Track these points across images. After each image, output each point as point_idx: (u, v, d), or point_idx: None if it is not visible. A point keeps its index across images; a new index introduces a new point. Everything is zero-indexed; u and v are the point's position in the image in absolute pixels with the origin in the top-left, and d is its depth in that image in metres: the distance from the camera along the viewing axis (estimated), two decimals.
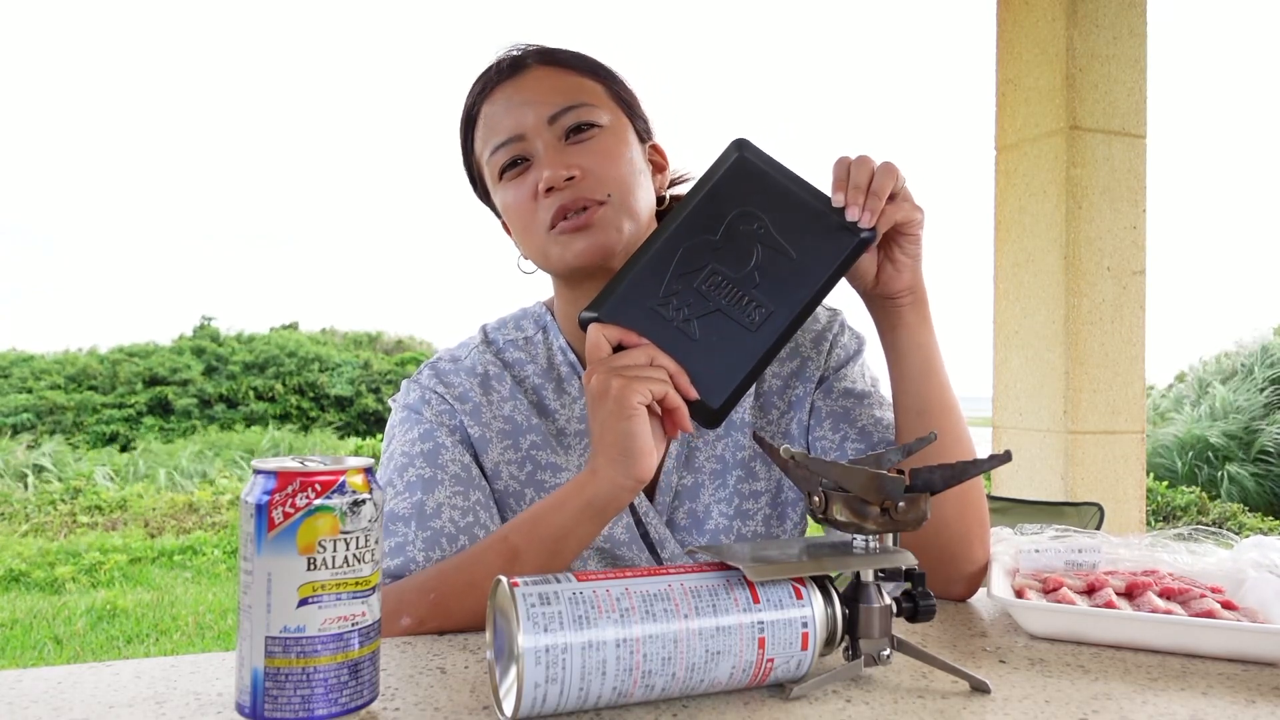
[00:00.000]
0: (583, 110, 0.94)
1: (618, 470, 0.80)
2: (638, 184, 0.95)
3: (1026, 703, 0.63)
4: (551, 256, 0.94)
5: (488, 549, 0.84)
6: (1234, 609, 0.79)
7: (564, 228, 0.92)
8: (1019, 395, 3.14)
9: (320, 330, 18.53)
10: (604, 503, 0.82)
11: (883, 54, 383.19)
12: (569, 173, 0.91)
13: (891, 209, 0.84)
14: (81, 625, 4.75)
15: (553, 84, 0.95)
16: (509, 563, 0.82)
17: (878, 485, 0.63)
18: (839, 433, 0.98)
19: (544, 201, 0.92)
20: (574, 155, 0.92)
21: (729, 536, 0.99)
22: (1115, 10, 3.05)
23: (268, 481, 0.56)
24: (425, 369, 1.02)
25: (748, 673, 0.62)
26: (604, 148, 0.94)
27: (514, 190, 0.95)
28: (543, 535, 0.82)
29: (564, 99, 0.94)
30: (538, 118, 0.93)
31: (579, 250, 0.92)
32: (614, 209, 0.92)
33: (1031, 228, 3.10)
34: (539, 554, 0.82)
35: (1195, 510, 7.09)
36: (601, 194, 0.92)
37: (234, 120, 70.64)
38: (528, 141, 0.94)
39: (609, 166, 0.93)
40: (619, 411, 0.78)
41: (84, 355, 16.08)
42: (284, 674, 0.56)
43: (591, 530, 0.83)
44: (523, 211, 0.94)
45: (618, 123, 0.97)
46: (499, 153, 0.95)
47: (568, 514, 0.82)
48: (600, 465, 0.81)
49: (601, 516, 0.82)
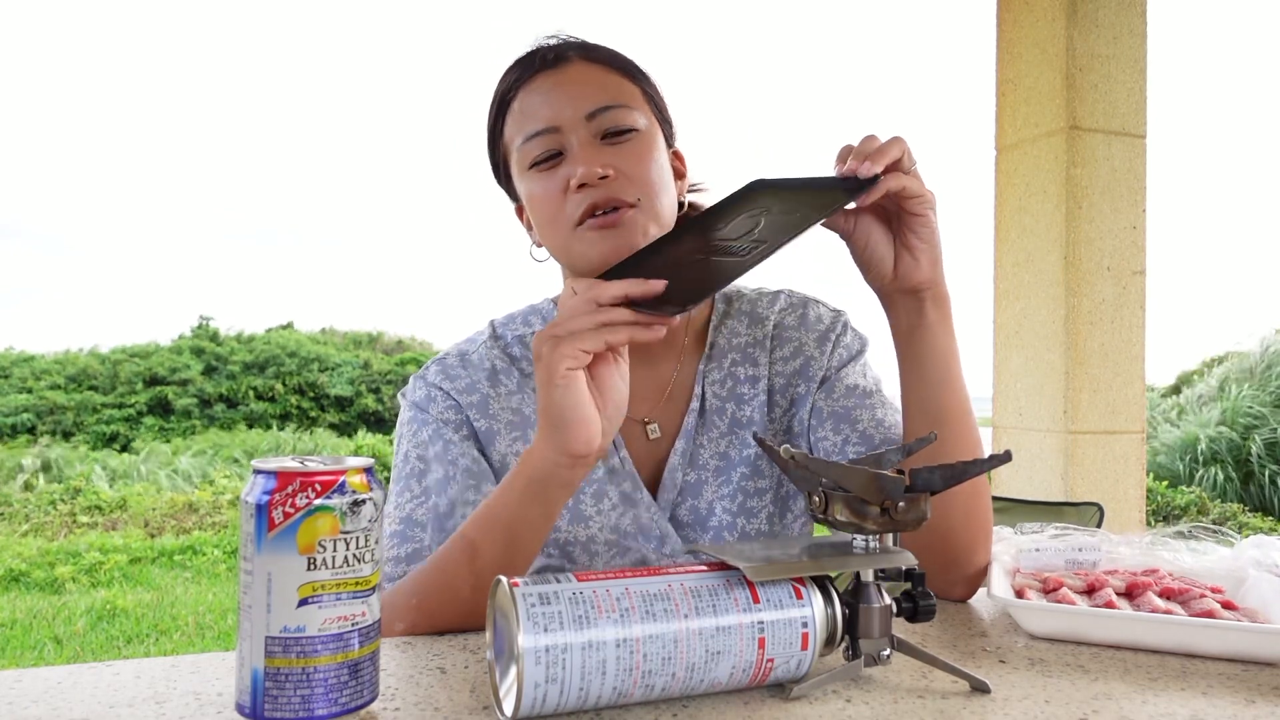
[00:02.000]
0: (621, 112, 0.93)
1: (550, 444, 0.77)
2: (666, 190, 0.95)
3: (1026, 703, 0.63)
4: (574, 253, 0.93)
5: (451, 546, 0.83)
6: (1234, 609, 0.79)
7: (592, 224, 0.91)
8: (1019, 395, 3.14)
9: (320, 330, 18.54)
10: (543, 480, 0.78)
11: (883, 54, 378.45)
12: (603, 171, 0.90)
13: (894, 177, 0.82)
14: (81, 625, 4.76)
15: (593, 80, 0.95)
16: (470, 557, 0.80)
17: (878, 485, 0.63)
18: (840, 434, 0.98)
19: (574, 197, 0.91)
20: (608, 155, 0.92)
21: (732, 534, 0.99)
22: (1115, 10, 3.05)
23: (268, 481, 0.56)
24: (432, 365, 1.03)
25: (748, 673, 0.62)
26: (638, 151, 0.93)
27: (543, 182, 0.94)
28: (495, 524, 0.81)
29: (604, 97, 0.93)
30: (575, 112, 0.93)
31: (604, 250, 0.91)
32: (643, 213, 0.92)
33: (1031, 228, 3.10)
34: (495, 545, 0.80)
35: (1195, 510, 7.09)
36: (632, 196, 0.91)
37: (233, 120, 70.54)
38: (563, 135, 0.93)
39: (641, 170, 0.93)
40: (548, 380, 0.75)
41: (84, 355, 16.08)
42: (284, 674, 0.56)
43: (539, 512, 0.80)
44: (550, 204, 0.94)
45: (651, 126, 0.96)
46: (532, 142, 0.94)
47: (513, 497, 0.80)
48: (537, 440, 0.78)
49: (544, 496, 0.79)
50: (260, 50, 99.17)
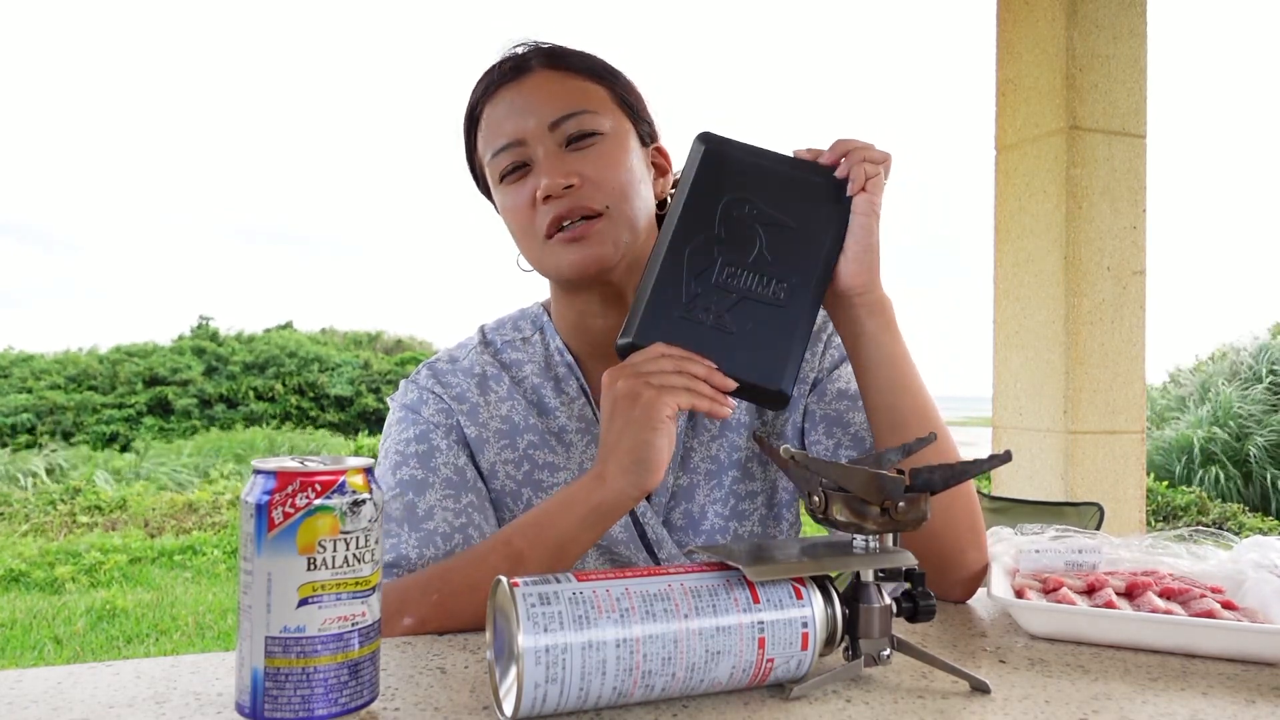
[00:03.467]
0: (584, 118, 0.93)
1: (628, 479, 0.80)
2: (636, 193, 0.95)
3: (1026, 703, 0.63)
4: (546, 265, 0.95)
5: (491, 551, 0.83)
6: (1234, 609, 0.79)
7: (560, 238, 0.92)
8: (1019, 395, 3.14)
9: (320, 330, 18.54)
10: (609, 510, 0.81)
11: (883, 54, 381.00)
12: (567, 181, 0.90)
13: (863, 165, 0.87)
14: (81, 625, 4.75)
15: (555, 89, 0.94)
16: (513, 565, 0.81)
17: (878, 485, 0.63)
18: (833, 438, 0.98)
19: (541, 209, 0.92)
20: (573, 163, 0.92)
21: (724, 537, 0.99)
22: (1115, 10, 3.05)
23: (268, 481, 0.56)
24: (423, 369, 1.03)
25: (748, 673, 0.62)
26: (604, 155, 0.93)
27: (513, 195, 0.95)
28: (546, 539, 0.82)
29: (565, 105, 0.93)
30: (538, 123, 0.93)
31: (572, 261, 0.92)
32: (611, 222, 0.92)
33: (1031, 228, 3.10)
34: (542, 557, 0.82)
35: (1195, 510, 7.09)
36: (599, 204, 0.91)
37: (235, 121, 70.58)
38: (528, 147, 0.93)
39: (608, 175, 0.92)
40: (646, 422, 0.78)
41: (84, 355, 16.08)
42: (284, 674, 0.56)
43: (593, 536, 0.83)
44: (521, 217, 0.94)
45: (619, 128, 0.96)
46: (499, 156, 0.95)
47: (573, 519, 0.82)
48: (611, 472, 0.80)
49: (604, 523, 0.82)
50: (261, 52, 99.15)
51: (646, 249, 0.98)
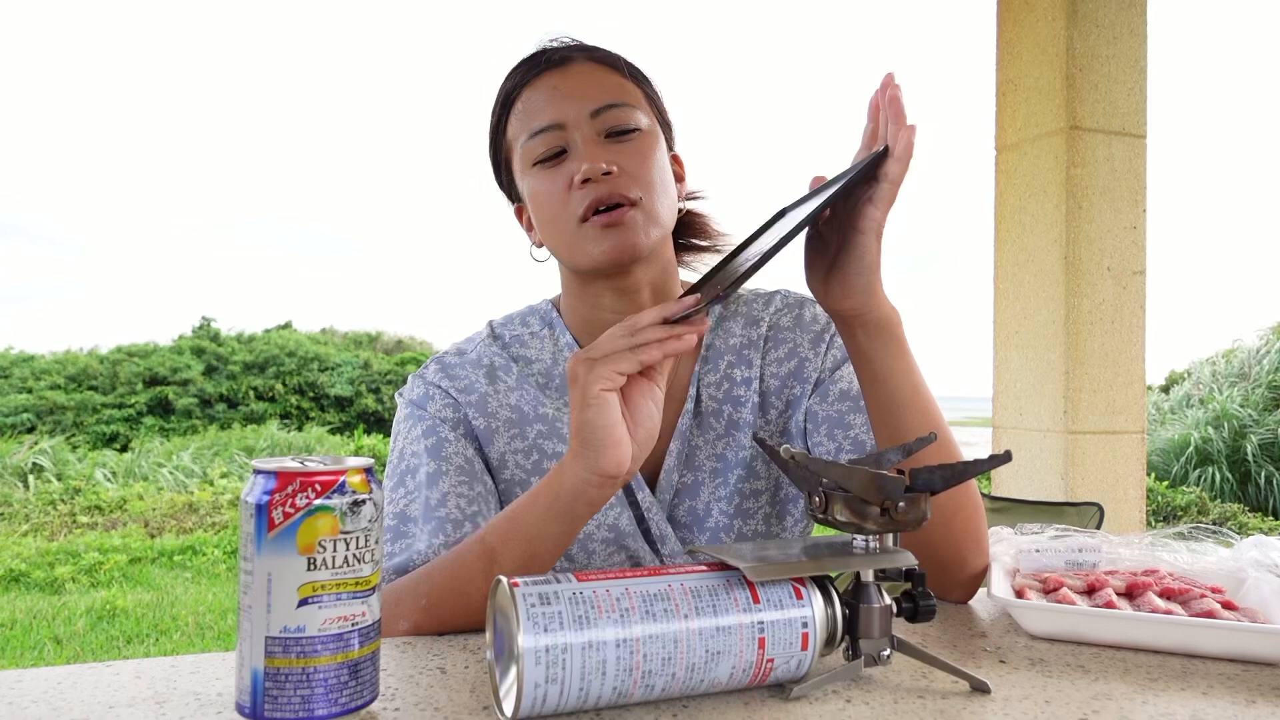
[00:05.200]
0: (625, 111, 0.95)
1: (581, 464, 0.76)
2: (666, 192, 0.96)
3: (1026, 703, 0.63)
4: (577, 249, 0.94)
5: (468, 550, 0.82)
6: (1234, 609, 0.79)
7: (596, 221, 0.91)
8: (1019, 395, 3.14)
9: (320, 330, 18.53)
10: (570, 498, 0.77)
11: (883, 54, 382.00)
12: (607, 166, 0.91)
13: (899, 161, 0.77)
14: (81, 625, 4.75)
15: (597, 79, 0.96)
16: (488, 564, 0.80)
17: (878, 485, 0.63)
18: (834, 441, 0.97)
19: (578, 193, 0.92)
20: (612, 152, 0.93)
21: (729, 535, 0.99)
22: (1115, 10, 3.05)
23: (268, 481, 0.56)
24: (431, 364, 1.03)
25: (748, 673, 0.62)
26: (641, 150, 0.94)
27: (546, 179, 0.94)
28: (516, 534, 0.80)
29: (608, 96, 0.95)
30: (580, 110, 0.93)
31: (607, 247, 0.91)
32: (643, 212, 0.92)
33: (1031, 228, 3.10)
34: (514, 554, 0.80)
35: (1195, 510, 7.09)
36: (635, 194, 0.92)
37: (235, 121, 70.61)
38: (567, 132, 0.94)
39: (644, 169, 0.93)
40: (582, 401, 0.75)
41: (84, 355, 16.07)
42: (284, 674, 0.56)
43: (562, 529, 0.79)
44: (554, 202, 0.94)
45: (653, 127, 0.97)
46: (536, 139, 0.95)
47: (538, 511, 0.79)
48: (567, 460, 0.78)
49: (570, 514, 0.78)
50: (261, 52, 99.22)
51: (667, 249, 0.98)
